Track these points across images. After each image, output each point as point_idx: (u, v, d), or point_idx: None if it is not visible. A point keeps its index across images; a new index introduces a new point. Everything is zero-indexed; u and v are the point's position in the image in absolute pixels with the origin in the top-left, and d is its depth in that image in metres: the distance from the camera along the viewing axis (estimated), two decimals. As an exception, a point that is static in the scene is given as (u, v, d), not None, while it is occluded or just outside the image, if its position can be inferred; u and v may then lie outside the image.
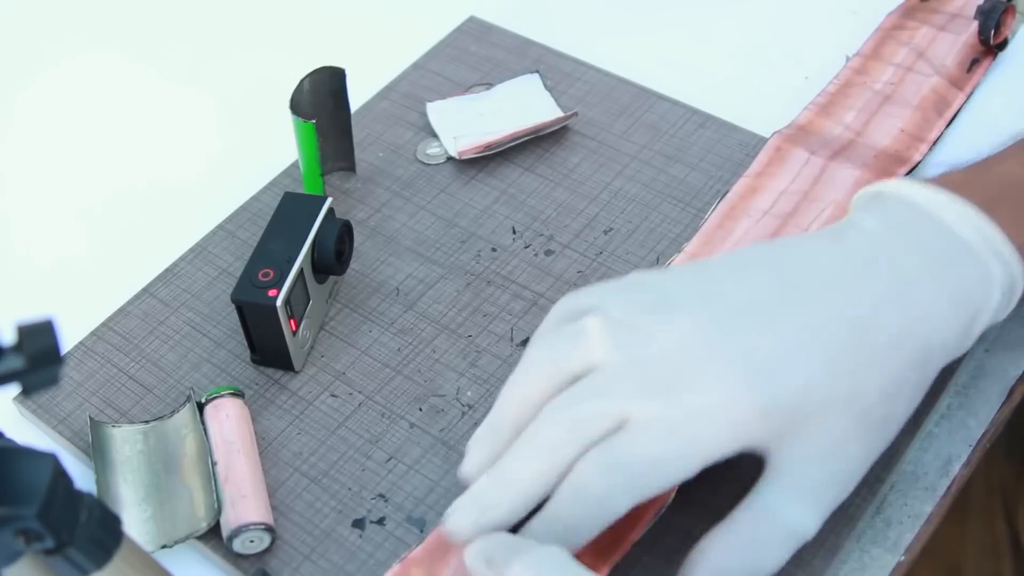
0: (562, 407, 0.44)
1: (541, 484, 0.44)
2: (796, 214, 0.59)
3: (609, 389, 0.44)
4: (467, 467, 0.47)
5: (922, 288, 0.45)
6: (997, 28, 0.65)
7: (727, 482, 0.50)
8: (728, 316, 0.44)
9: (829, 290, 0.45)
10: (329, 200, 0.56)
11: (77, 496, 0.37)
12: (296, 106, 0.58)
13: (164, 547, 0.49)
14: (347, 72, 0.61)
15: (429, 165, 0.65)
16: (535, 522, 0.45)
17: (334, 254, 0.56)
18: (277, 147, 0.65)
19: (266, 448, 0.53)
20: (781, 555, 0.45)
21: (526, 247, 0.61)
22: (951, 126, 0.63)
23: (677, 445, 0.43)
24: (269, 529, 0.49)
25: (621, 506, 0.44)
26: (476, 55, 0.71)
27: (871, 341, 0.44)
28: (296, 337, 0.55)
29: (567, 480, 0.44)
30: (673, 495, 0.48)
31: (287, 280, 0.53)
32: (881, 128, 0.63)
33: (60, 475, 0.36)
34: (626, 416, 0.43)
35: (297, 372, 0.56)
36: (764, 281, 0.45)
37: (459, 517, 0.45)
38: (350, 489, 0.52)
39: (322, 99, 0.61)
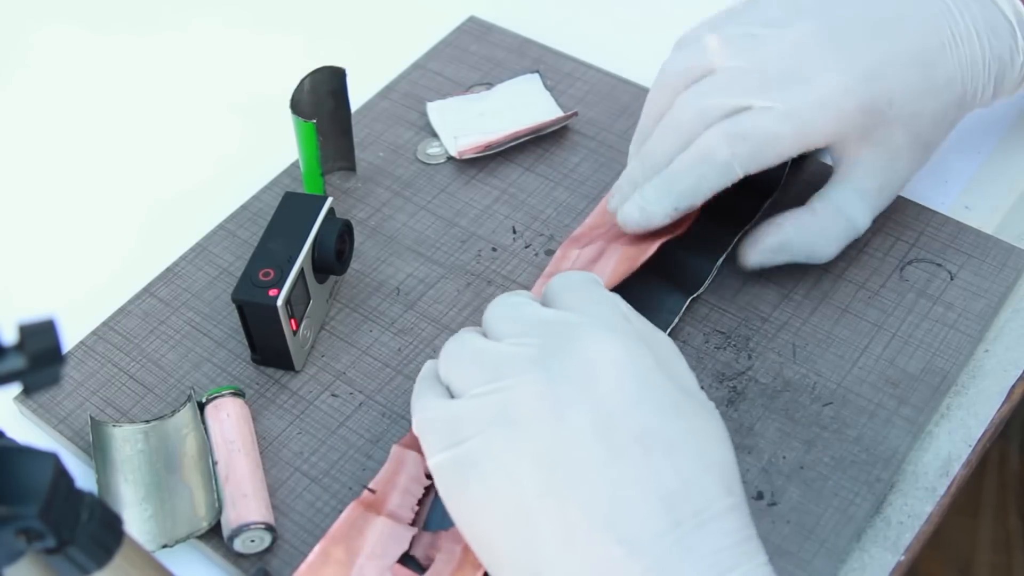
0: (691, 97, 0.53)
1: (674, 157, 0.54)
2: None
3: (732, 85, 0.53)
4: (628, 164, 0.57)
5: (971, 42, 0.54)
6: None
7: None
8: (837, 29, 0.53)
9: (908, 24, 0.53)
10: (329, 200, 0.56)
11: (78, 495, 0.37)
12: (296, 106, 0.59)
13: (165, 546, 0.49)
14: (347, 72, 0.61)
15: (429, 165, 0.65)
16: (656, 180, 0.54)
17: (334, 254, 0.56)
18: (277, 147, 0.65)
19: (267, 448, 0.53)
20: (837, 245, 0.56)
21: (526, 247, 0.61)
22: None
23: (793, 126, 0.52)
24: (270, 528, 0.49)
25: (734, 174, 0.53)
26: (476, 55, 0.71)
27: (933, 75, 0.53)
28: (296, 337, 0.55)
29: (694, 145, 0.53)
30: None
31: (287, 280, 0.53)
32: None
33: (61, 474, 0.36)
34: (748, 104, 0.52)
35: (297, 372, 0.56)
36: (858, 7, 0.54)
37: (617, 200, 0.56)
38: (351, 489, 0.52)
39: (322, 99, 0.61)
